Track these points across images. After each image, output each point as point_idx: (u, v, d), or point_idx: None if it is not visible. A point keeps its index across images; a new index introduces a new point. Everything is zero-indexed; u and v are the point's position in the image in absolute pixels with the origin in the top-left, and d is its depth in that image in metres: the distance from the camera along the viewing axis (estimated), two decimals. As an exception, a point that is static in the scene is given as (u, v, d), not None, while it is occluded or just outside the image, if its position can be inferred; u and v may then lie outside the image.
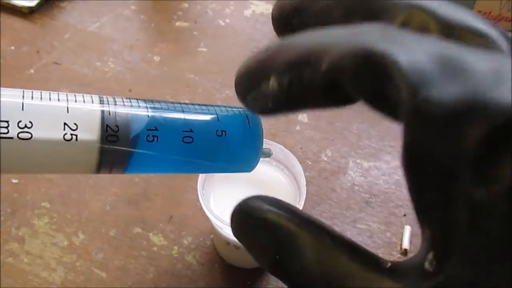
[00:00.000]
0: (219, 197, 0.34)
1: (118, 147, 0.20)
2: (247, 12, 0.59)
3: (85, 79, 0.51)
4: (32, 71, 0.52)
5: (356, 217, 0.42)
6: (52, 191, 0.42)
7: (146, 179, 0.43)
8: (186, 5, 0.60)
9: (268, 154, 0.26)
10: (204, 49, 0.55)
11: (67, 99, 0.19)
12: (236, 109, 0.24)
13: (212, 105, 0.23)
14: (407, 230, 0.41)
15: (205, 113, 0.23)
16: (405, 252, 0.40)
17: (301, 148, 0.46)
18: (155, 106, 0.22)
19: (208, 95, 0.50)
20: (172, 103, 0.22)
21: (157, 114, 0.21)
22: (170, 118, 0.21)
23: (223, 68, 0.53)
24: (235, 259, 0.38)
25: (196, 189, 0.32)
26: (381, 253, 0.40)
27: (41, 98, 0.19)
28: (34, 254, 0.39)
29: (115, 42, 0.55)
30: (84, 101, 0.20)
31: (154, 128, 0.21)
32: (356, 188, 0.44)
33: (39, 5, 0.58)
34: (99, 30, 0.56)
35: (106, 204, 0.42)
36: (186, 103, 0.23)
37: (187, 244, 0.39)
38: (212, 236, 0.40)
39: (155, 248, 0.39)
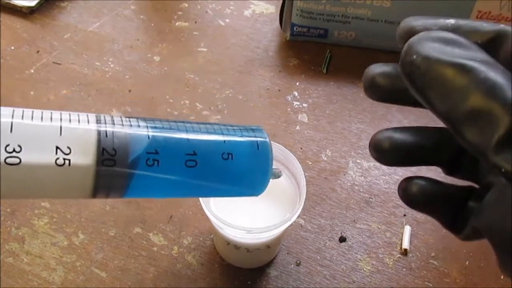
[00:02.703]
0: (219, 197, 0.34)
1: (115, 171, 0.18)
2: (247, 12, 0.59)
3: (85, 79, 0.51)
4: (32, 71, 0.52)
5: (356, 217, 0.42)
6: (52, 191, 0.42)
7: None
8: (186, 5, 0.60)
9: (277, 176, 0.24)
10: (204, 49, 0.55)
11: (61, 119, 0.18)
12: (244, 129, 0.22)
13: (218, 124, 0.21)
14: (407, 230, 0.41)
15: (210, 134, 0.21)
16: (405, 252, 0.40)
17: (301, 148, 0.46)
18: (156, 125, 0.20)
19: (208, 95, 0.50)
20: (175, 122, 0.20)
21: (158, 135, 0.19)
22: (172, 140, 0.20)
23: (223, 68, 0.53)
24: (235, 259, 0.38)
25: (196, 189, 0.32)
26: (381, 253, 0.40)
27: (32, 117, 0.17)
28: (34, 254, 0.39)
29: (115, 42, 0.55)
30: (79, 121, 0.18)
31: (155, 151, 0.19)
32: (356, 188, 0.44)
33: (39, 5, 0.58)
34: (99, 30, 0.56)
35: (106, 204, 0.42)
36: (190, 122, 0.21)
37: (187, 244, 0.39)
38: (212, 236, 0.40)
39: (155, 248, 0.39)
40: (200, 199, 0.31)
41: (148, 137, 0.19)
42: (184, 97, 0.50)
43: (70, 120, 0.18)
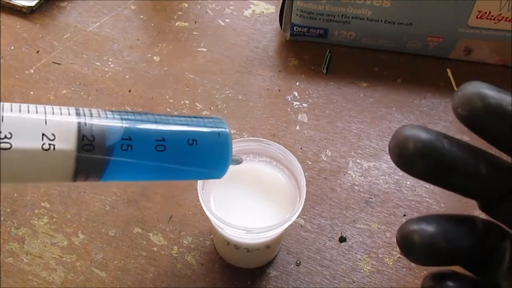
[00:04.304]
0: (219, 197, 0.34)
1: (94, 156, 0.21)
2: (247, 12, 0.59)
3: (85, 79, 0.51)
4: (32, 71, 0.52)
5: (356, 217, 0.42)
6: (52, 191, 0.42)
7: (146, 179, 0.43)
8: (186, 5, 0.60)
9: (238, 162, 0.28)
10: (204, 49, 0.55)
11: (45, 111, 0.20)
12: (207, 120, 0.25)
13: (184, 116, 0.25)
14: (407, 230, 0.41)
15: (177, 124, 0.24)
16: (405, 252, 0.40)
17: (301, 148, 0.46)
18: (129, 117, 0.23)
19: (208, 95, 0.50)
20: (146, 114, 0.23)
21: (131, 124, 0.22)
22: (143, 128, 0.23)
23: (223, 68, 0.53)
24: (235, 259, 0.38)
25: (196, 189, 0.32)
26: (381, 253, 0.40)
27: (20, 110, 0.20)
28: (34, 254, 0.39)
29: (115, 42, 0.55)
30: (61, 113, 0.21)
31: (128, 138, 0.22)
32: (356, 188, 0.44)
33: (39, 5, 0.58)
34: (99, 30, 0.56)
35: (106, 204, 0.42)
36: (159, 114, 0.24)
37: (187, 244, 0.39)
38: (212, 236, 0.40)
39: (155, 248, 0.39)
40: (200, 199, 0.31)
41: (122, 126, 0.22)
42: (184, 97, 0.50)
43: (53, 113, 0.21)
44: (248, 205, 0.34)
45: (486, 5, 0.48)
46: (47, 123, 0.20)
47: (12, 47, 0.54)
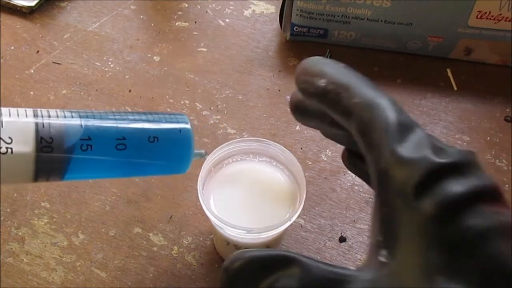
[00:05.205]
0: (219, 197, 0.34)
1: (53, 157, 0.21)
2: (247, 12, 0.59)
3: (85, 79, 0.51)
4: (32, 71, 0.52)
5: (356, 217, 0.42)
6: (52, 191, 0.42)
7: (146, 179, 0.43)
8: (186, 5, 0.60)
9: (202, 156, 0.28)
10: (204, 49, 0.55)
11: (1, 113, 0.20)
12: (169, 116, 0.25)
13: (145, 113, 0.25)
14: (407, 230, 0.41)
15: (137, 121, 0.24)
16: (405, 252, 0.40)
17: (301, 148, 0.46)
18: (88, 116, 0.23)
19: (208, 95, 0.50)
20: (106, 112, 0.23)
21: (90, 124, 0.22)
22: (103, 127, 0.23)
23: (223, 68, 0.53)
24: (235, 259, 0.38)
25: (196, 189, 0.32)
26: (381, 253, 0.40)
27: None
28: (34, 254, 0.39)
29: (115, 42, 0.55)
30: (18, 115, 0.21)
31: (88, 138, 0.22)
32: (356, 188, 0.44)
33: (39, 5, 0.58)
34: (99, 30, 0.56)
35: (106, 204, 0.42)
36: (119, 112, 0.24)
37: (187, 244, 0.39)
38: (212, 236, 0.40)
39: (155, 248, 0.39)
40: (200, 199, 0.31)
41: (81, 126, 0.22)
42: (184, 97, 0.50)
43: (10, 115, 0.21)
44: (248, 205, 0.34)
45: (486, 5, 0.48)
46: (4, 126, 0.20)
47: (12, 47, 0.54)
